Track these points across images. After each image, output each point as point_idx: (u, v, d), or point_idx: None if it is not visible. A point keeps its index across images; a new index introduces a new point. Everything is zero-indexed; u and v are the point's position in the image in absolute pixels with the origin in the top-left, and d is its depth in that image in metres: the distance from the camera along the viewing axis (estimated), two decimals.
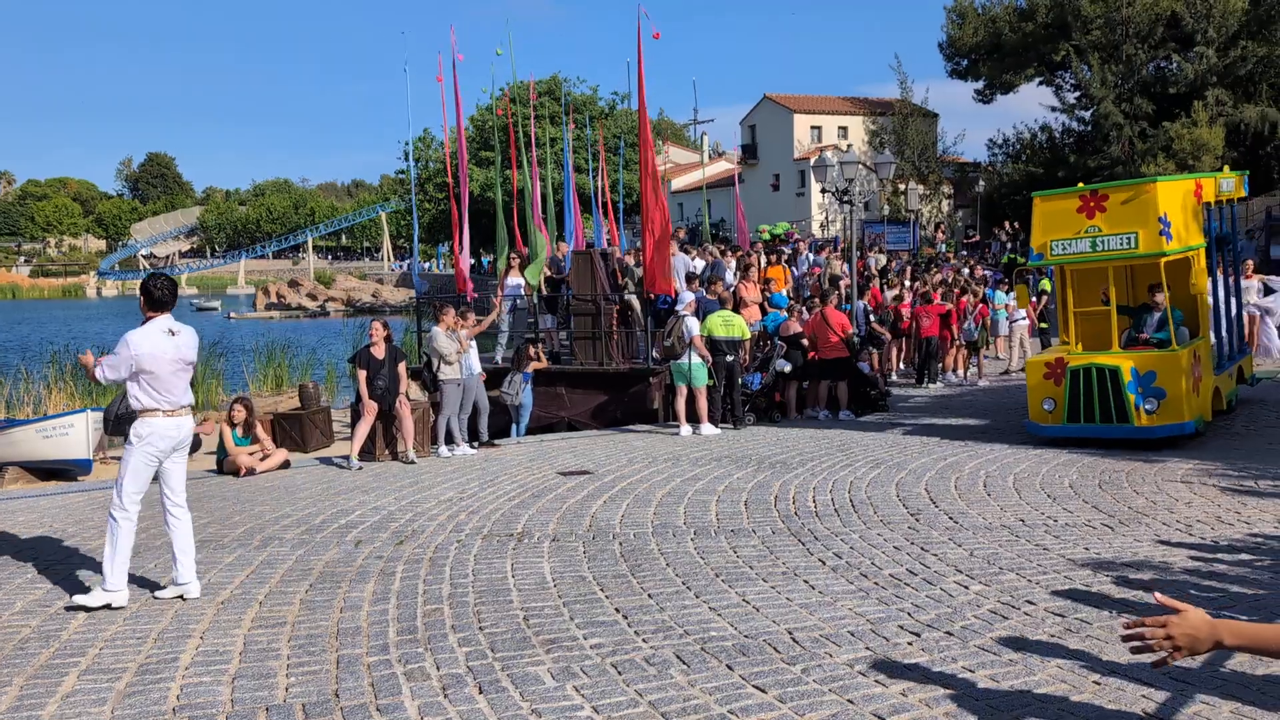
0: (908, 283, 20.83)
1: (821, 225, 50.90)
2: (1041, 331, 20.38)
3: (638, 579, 6.78)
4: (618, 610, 6.11)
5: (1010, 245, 31.24)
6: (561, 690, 4.90)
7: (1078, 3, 39.41)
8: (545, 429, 15.43)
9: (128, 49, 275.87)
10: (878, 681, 4.92)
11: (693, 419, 13.64)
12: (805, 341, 14.97)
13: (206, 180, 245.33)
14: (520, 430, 14.79)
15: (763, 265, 20.18)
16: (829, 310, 14.94)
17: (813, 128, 59.65)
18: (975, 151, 70.82)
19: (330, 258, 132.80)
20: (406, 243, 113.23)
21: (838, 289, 16.74)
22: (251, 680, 5.13)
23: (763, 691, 4.83)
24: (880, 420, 14.43)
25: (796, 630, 5.68)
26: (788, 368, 14.96)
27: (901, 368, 19.65)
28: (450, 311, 12.78)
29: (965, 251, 32.63)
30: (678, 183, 63.37)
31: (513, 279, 17.98)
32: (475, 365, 12.96)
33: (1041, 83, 44.73)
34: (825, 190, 21.42)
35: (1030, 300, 21.08)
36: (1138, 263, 12.09)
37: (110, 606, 6.32)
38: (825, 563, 7.08)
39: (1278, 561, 6.77)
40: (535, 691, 4.90)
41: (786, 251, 22.86)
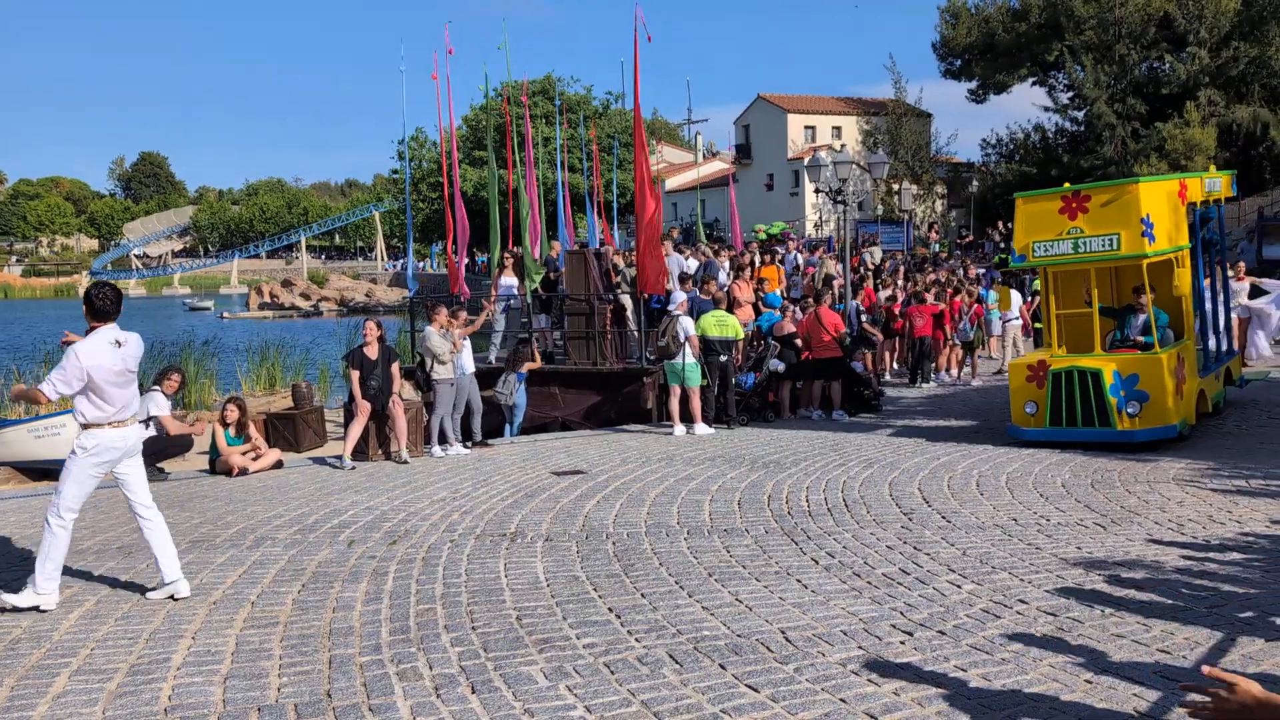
0: (901, 282, 20.87)
1: (815, 225, 50.98)
2: (1036, 332, 20.42)
3: (631, 578, 6.78)
4: (611, 610, 6.11)
5: (1003, 245, 31.36)
6: (554, 690, 4.90)
7: (1070, 3, 39.56)
8: (539, 429, 15.42)
9: (121, 48, 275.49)
10: (870, 681, 4.93)
11: (686, 419, 13.65)
12: (799, 341, 14.99)
13: (199, 179, 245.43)
14: (514, 430, 14.78)
15: (756, 265, 20.20)
16: (823, 310, 14.96)
17: (806, 128, 59.70)
18: (969, 151, 70.90)
19: (324, 257, 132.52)
20: (400, 242, 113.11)
21: (831, 289, 16.76)
22: (244, 680, 5.12)
23: (755, 691, 4.84)
24: (873, 420, 14.45)
25: (789, 629, 5.68)
26: (781, 368, 14.97)
27: (895, 367, 19.69)
28: (443, 311, 12.78)
29: (960, 251, 32.71)
30: (672, 182, 63.38)
31: (506, 279, 17.95)
32: (468, 365, 12.95)
33: (1035, 83, 44.92)
34: (819, 190, 21.51)
35: (1025, 301, 21.18)
36: (1120, 264, 11.96)
37: (39, 609, 6.32)
38: (818, 562, 7.09)
39: (1269, 560, 6.79)
40: (528, 691, 4.89)
41: (780, 251, 22.90)
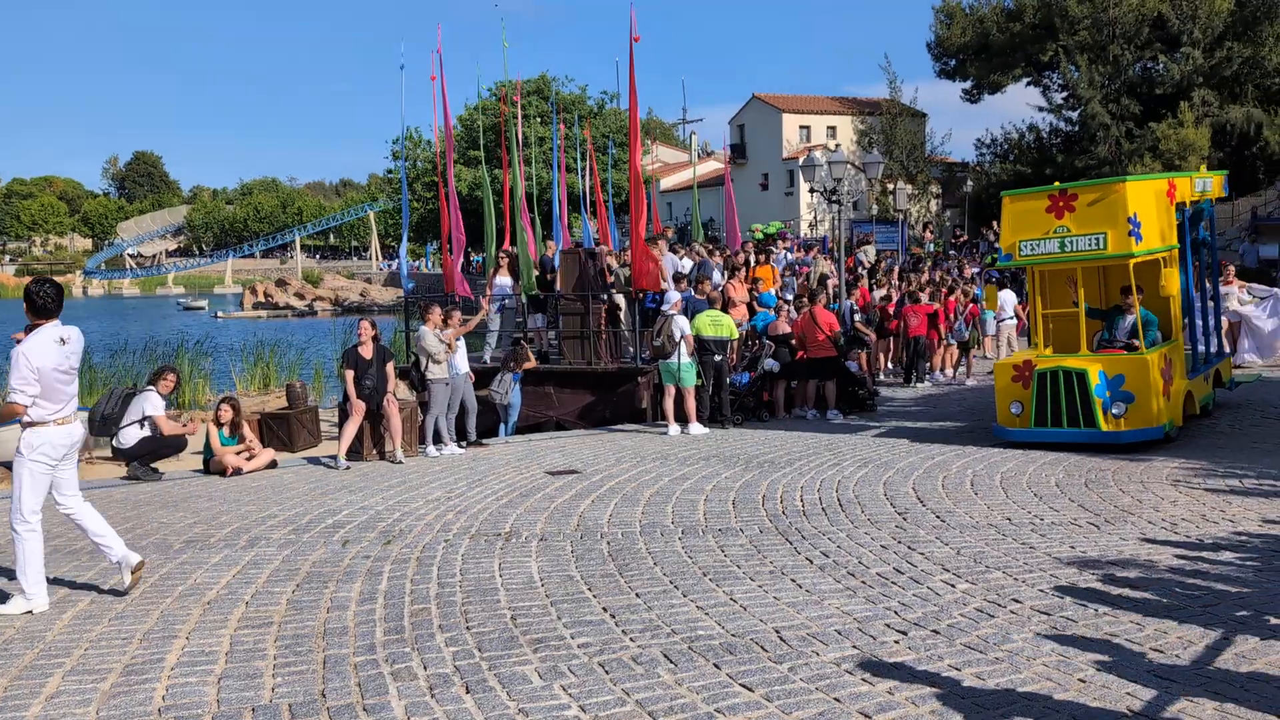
0: (896, 282, 20.88)
1: (810, 225, 51.01)
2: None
3: (625, 578, 6.78)
4: (605, 609, 6.12)
5: (996, 245, 31.31)
6: (549, 689, 4.90)
7: (1065, 3, 39.61)
8: (533, 428, 15.42)
9: (115, 46, 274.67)
10: (864, 680, 4.94)
11: (681, 418, 13.65)
12: (794, 341, 15.00)
13: (193, 179, 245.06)
14: (509, 430, 14.78)
15: (751, 264, 20.19)
16: (817, 309, 14.96)
17: (801, 127, 59.72)
18: (963, 151, 71.26)
19: (318, 257, 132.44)
20: (394, 242, 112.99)
21: (825, 288, 16.77)
22: (238, 680, 5.11)
23: (750, 690, 4.84)
24: (868, 420, 14.47)
25: (784, 629, 5.69)
26: (776, 367, 14.98)
27: (890, 367, 19.70)
28: (436, 310, 12.76)
29: (955, 251, 32.73)
30: (666, 182, 63.39)
31: (501, 279, 17.93)
32: (462, 365, 12.94)
33: (1029, 83, 44.94)
34: (814, 190, 21.49)
35: (1020, 301, 21.18)
36: (1106, 264, 11.88)
37: (31, 613, 6.31)
38: (812, 561, 7.10)
39: (1262, 559, 6.81)
40: (522, 691, 4.89)
41: (774, 251, 22.90)
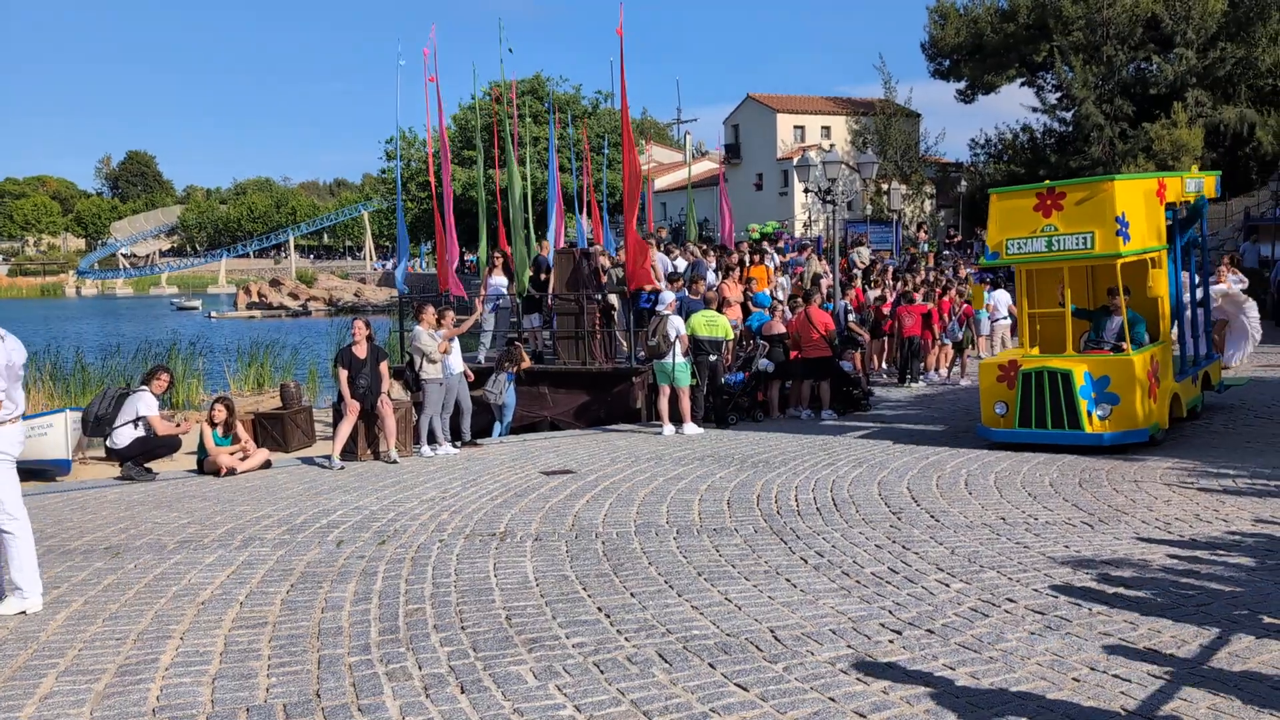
0: (890, 282, 20.91)
1: (805, 225, 51.05)
2: None
3: (620, 578, 6.78)
4: (600, 609, 6.12)
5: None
6: (544, 689, 4.90)
7: (1059, 4, 39.69)
8: (528, 428, 15.41)
9: (109, 46, 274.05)
10: (859, 679, 4.94)
11: (675, 418, 13.66)
12: (788, 341, 15.01)
13: (187, 178, 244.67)
14: (503, 429, 14.77)
15: (746, 264, 20.20)
16: (813, 309, 14.98)
17: (796, 127, 59.80)
18: (957, 152, 71.20)
19: (312, 257, 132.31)
20: (389, 242, 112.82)
21: (819, 288, 16.78)
22: (232, 681, 5.11)
23: (745, 690, 4.85)
24: (862, 419, 14.48)
25: (778, 628, 5.69)
26: (770, 367, 14.99)
27: (884, 367, 19.72)
28: (430, 310, 12.76)
29: (949, 251, 32.77)
30: (661, 182, 63.39)
31: (496, 278, 17.91)
32: (457, 365, 12.93)
33: (1023, 83, 45.03)
34: (808, 190, 21.51)
35: (1012, 302, 21.20)
36: (1093, 263, 11.75)
37: (25, 613, 6.29)
38: (807, 561, 7.11)
39: (1255, 559, 6.83)
40: (517, 691, 4.89)
41: (769, 251, 22.89)
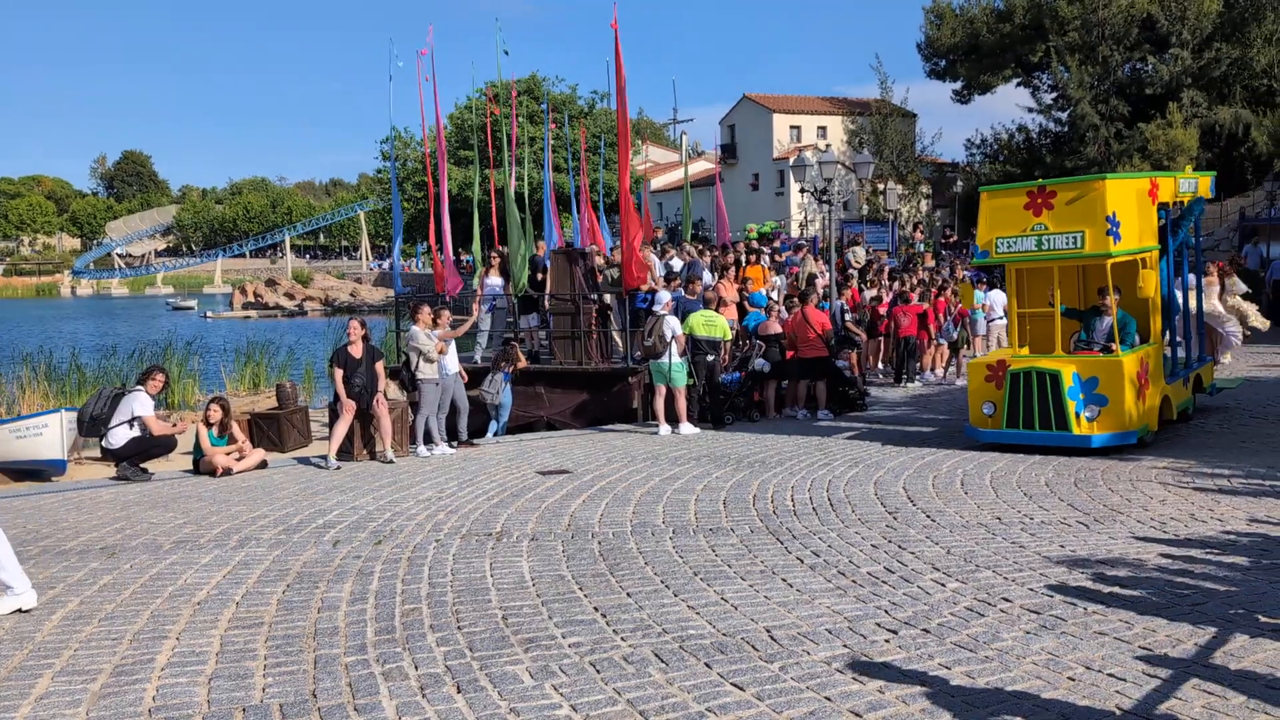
0: (886, 282, 20.92)
1: (801, 225, 51.08)
2: None
3: (616, 578, 6.78)
4: (596, 609, 6.12)
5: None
6: (540, 689, 4.91)
7: (1054, 4, 39.75)
8: (524, 428, 15.40)
9: (104, 45, 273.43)
10: (855, 679, 4.95)
11: (672, 418, 13.66)
12: (785, 340, 15.02)
13: (183, 178, 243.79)
14: (500, 429, 14.76)
15: (742, 264, 20.20)
16: (809, 309, 14.99)
17: (792, 128, 59.84)
18: (953, 152, 71.22)
19: (308, 257, 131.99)
20: (385, 242, 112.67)
21: (815, 288, 16.80)
22: (228, 681, 5.11)
23: (741, 689, 4.85)
24: (858, 419, 14.49)
25: (774, 628, 5.70)
26: (766, 367, 15.00)
27: (880, 367, 19.74)
28: (425, 309, 12.75)
29: (945, 251, 32.80)
30: (656, 182, 63.43)
31: (492, 278, 17.90)
32: (452, 365, 12.92)
33: (1019, 84, 45.10)
34: (804, 190, 21.57)
35: (1002, 302, 21.21)
36: (1083, 263, 11.68)
37: (20, 611, 6.31)
38: (803, 561, 7.11)
39: (1250, 558, 6.85)
40: (514, 690, 4.90)
41: (766, 251, 22.92)
